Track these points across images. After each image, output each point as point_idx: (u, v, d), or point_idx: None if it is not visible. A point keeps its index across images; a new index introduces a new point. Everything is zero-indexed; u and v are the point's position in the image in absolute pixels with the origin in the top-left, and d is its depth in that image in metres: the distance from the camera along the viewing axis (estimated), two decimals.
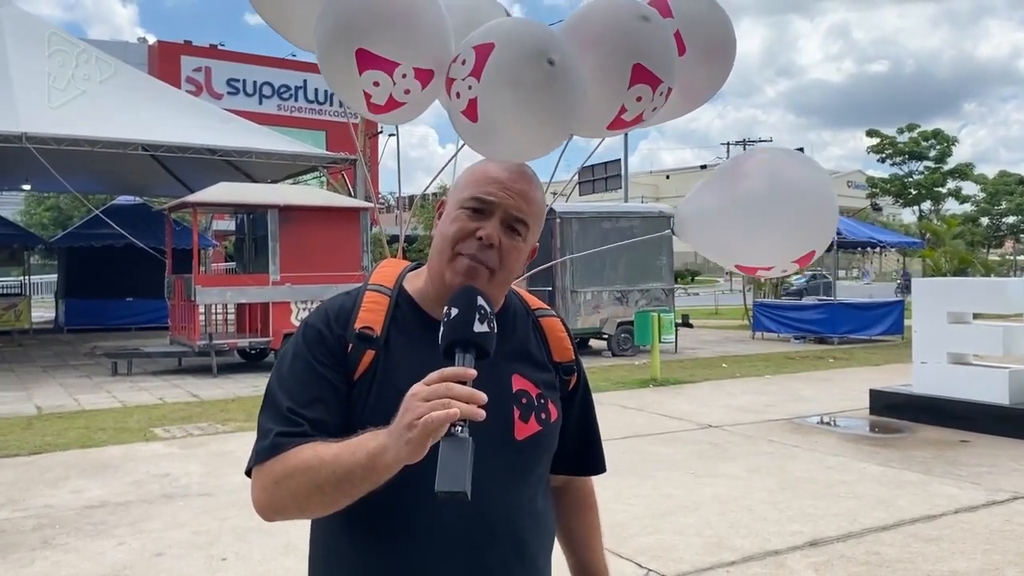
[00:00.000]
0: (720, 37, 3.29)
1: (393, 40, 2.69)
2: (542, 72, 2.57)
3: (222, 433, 8.59)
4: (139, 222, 18.96)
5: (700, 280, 60.16)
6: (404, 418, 1.19)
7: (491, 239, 1.44)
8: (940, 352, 8.86)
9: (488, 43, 2.64)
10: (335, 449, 1.29)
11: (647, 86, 2.95)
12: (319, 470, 1.29)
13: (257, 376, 13.03)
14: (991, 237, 45.02)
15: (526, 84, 2.60)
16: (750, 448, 7.71)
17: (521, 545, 1.48)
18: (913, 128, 41.37)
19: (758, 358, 15.21)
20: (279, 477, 1.33)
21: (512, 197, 1.48)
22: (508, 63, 2.59)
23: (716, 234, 3.20)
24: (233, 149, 15.88)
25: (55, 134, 13.51)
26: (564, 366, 1.61)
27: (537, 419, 1.49)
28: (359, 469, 1.25)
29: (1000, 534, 5.20)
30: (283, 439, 1.35)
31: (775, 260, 3.08)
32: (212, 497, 6.19)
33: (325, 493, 1.30)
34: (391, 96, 2.76)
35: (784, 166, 3.08)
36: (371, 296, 1.50)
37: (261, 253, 14.08)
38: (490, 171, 1.52)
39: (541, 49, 2.63)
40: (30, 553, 5.03)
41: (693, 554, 4.89)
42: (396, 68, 2.68)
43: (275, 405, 1.41)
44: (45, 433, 8.58)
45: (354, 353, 1.43)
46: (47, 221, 42.22)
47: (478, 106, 2.68)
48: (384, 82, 2.71)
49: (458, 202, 1.49)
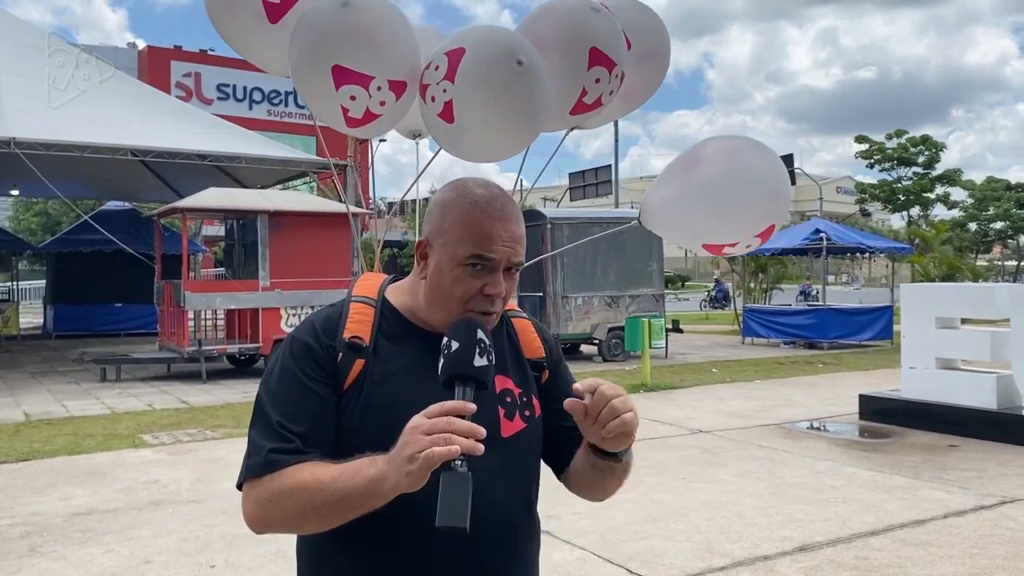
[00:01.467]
0: (655, 42, 3.45)
1: (366, 55, 2.87)
2: (511, 72, 2.77)
3: (211, 440, 8.56)
4: (128, 227, 18.91)
5: (690, 286, 60.28)
6: (405, 450, 1.22)
7: (500, 294, 1.47)
8: (929, 357, 8.90)
9: (459, 48, 2.81)
10: (333, 472, 1.32)
11: (604, 68, 3.08)
12: (316, 493, 1.32)
13: (247, 382, 12.99)
14: (979, 243, 45.20)
15: (497, 83, 2.78)
16: (740, 453, 7.72)
17: (514, 542, 1.52)
18: (901, 134, 41.50)
19: (748, 363, 15.25)
20: (274, 496, 1.36)
21: (511, 246, 1.47)
22: (480, 65, 2.79)
23: (680, 219, 3.30)
24: (223, 154, 15.83)
25: (44, 139, 13.44)
26: (533, 362, 1.64)
27: (522, 416, 1.53)
28: (357, 494, 1.29)
29: (988, 538, 5.23)
30: (277, 456, 1.37)
31: (739, 236, 3.20)
32: (201, 504, 6.16)
33: (321, 515, 1.33)
34: (367, 109, 2.94)
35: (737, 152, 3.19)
36: (357, 307, 1.52)
37: (251, 259, 14.04)
38: (486, 224, 1.46)
39: (509, 50, 2.79)
40: (17, 561, 5.00)
41: (683, 560, 4.90)
42: (371, 81, 2.87)
43: (266, 420, 1.42)
44: (33, 440, 8.53)
45: (344, 362, 1.45)
46: (35, 226, 42.00)
47: (453, 107, 2.84)
48: (360, 96, 2.89)
49: (456, 259, 1.45)
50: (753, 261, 21.64)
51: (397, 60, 2.93)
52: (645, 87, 3.53)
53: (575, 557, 4.93)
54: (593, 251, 16.06)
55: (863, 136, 42.08)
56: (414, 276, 1.56)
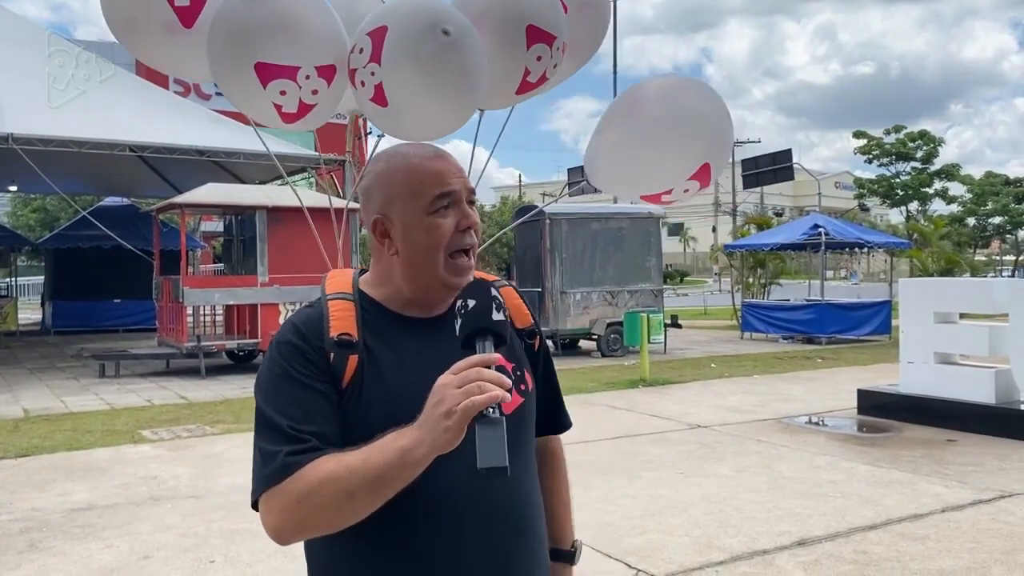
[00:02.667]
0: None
1: (287, 46, 2.75)
2: (438, 43, 2.65)
3: (210, 435, 8.56)
4: (127, 223, 18.88)
5: (689, 281, 60.32)
6: (439, 408, 1.23)
7: (476, 223, 1.49)
8: (927, 352, 8.91)
9: (381, 26, 2.70)
10: (361, 455, 1.29)
11: (544, 44, 2.97)
12: (349, 479, 1.28)
13: (245, 378, 12.99)
14: (978, 237, 45.22)
15: (425, 57, 2.67)
16: (739, 448, 7.73)
17: (524, 519, 1.52)
18: (900, 129, 41.55)
19: (747, 358, 15.26)
20: (302, 495, 1.31)
21: (461, 175, 1.50)
22: (404, 40, 2.67)
23: (620, 167, 3.21)
24: (221, 150, 15.81)
25: (41, 135, 13.42)
26: (526, 331, 1.65)
27: (518, 391, 1.53)
28: (392, 468, 1.27)
29: (987, 532, 5.24)
30: (295, 457, 1.33)
31: (674, 181, 3.10)
32: (200, 499, 6.17)
33: (356, 500, 1.30)
34: (300, 101, 2.84)
35: (678, 91, 3.13)
36: (337, 304, 1.49)
37: (249, 254, 14.04)
38: (429, 165, 1.49)
39: (434, 21, 2.67)
40: (16, 556, 5.01)
41: (682, 554, 4.91)
42: (298, 72, 2.77)
43: (273, 427, 1.37)
44: (32, 436, 8.53)
45: (337, 361, 1.42)
46: (34, 222, 41.92)
47: (384, 90, 2.74)
48: (290, 89, 2.79)
49: (422, 208, 1.46)
50: (752, 256, 21.65)
51: (321, 44, 2.82)
52: (591, 41, 3.38)
53: None
54: (592, 247, 16.08)
55: (861, 131, 42.11)
56: (381, 263, 1.54)
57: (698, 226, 65.71)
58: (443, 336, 1.42)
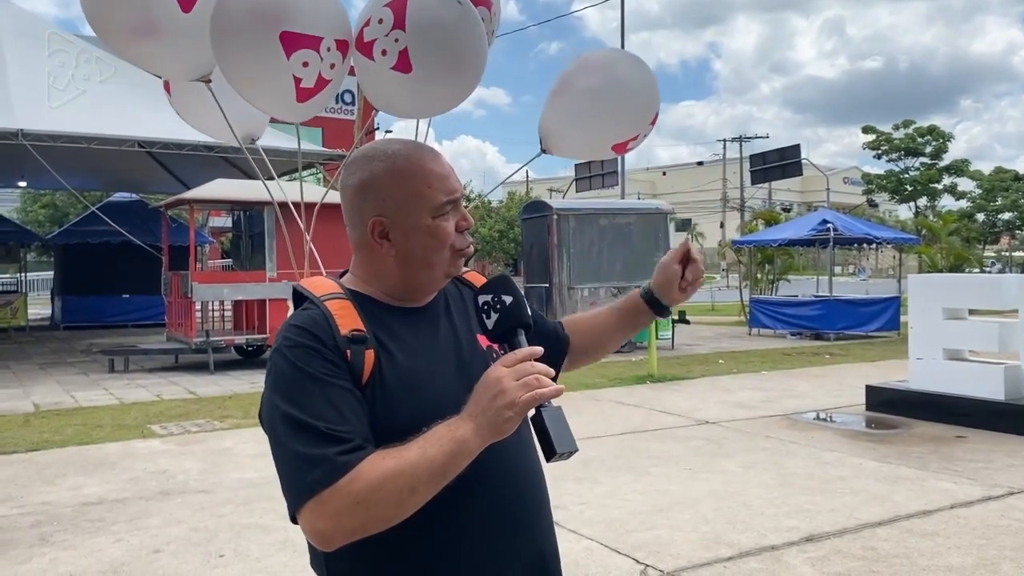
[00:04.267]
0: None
1: (311, 16, 2.78)
2: (457, 11, 2.78)
3: (219, 430, 8.59)
4: (135, 219, 18.97)
5: None
6: (500, 399, 1.28)
7: (472, 224, 1.56)
8: (936, 348, 8.88)
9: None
10: (417, 449, 1.30)
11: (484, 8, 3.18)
12: (412, 474, 1.28)
13: (254, 373, 13.03)
14: (987, 233, 45.07)
15: (449, 24, 2.78)
16: (747, 444, 7.72)
17: (539, 494, 1.58)
18: (909, 124, 41.42)
19: (755, 354, 15.23)
20: (363, 495, 1.28)
21: (456, 180, 1.54)
22: (428, 10, 2.76)
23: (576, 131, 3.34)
24: (229, 146, 15.84)
25: (51, 131, 13.47)
26: None
27: None
28: (451, 459, 1.29)
29: (996, 529, 5.23)
30: (347, 457, 1.30)
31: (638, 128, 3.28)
32: (210, 494, 6.19)
33: (418, 493, 1.30)
34: (320, 75, 2.85)
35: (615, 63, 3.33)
36: (335, 303, 1.47)
37: (258, 250, 14.08)
38: (431, 167, 1.51)
39: None
40: (28, 550, 5.04)
41: (690, 549, 4.91)
42: (321, 43, 2.79)
43: (307, 429, 1.33)
44: (42, 430, 8.58)
45: (355, 358, 1.40)
46: (43, 218, 42.13)
47: (410, 55, 2.78)
48: (312, 60, 2.80)
49: (430, 211, 1.48)
50: (760, 252, 21.60)
51: (336, 17, 2.86)
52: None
53: (582, 547, 4.95)
54: (599, 242, 16.06)
55: (870, 126, 41.98)
56: (372, 264, 1.53)
57: (706, 222, 65.60)
58: (436, 322, 1.53)
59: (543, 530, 1.58)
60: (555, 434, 1.30)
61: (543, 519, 1.59)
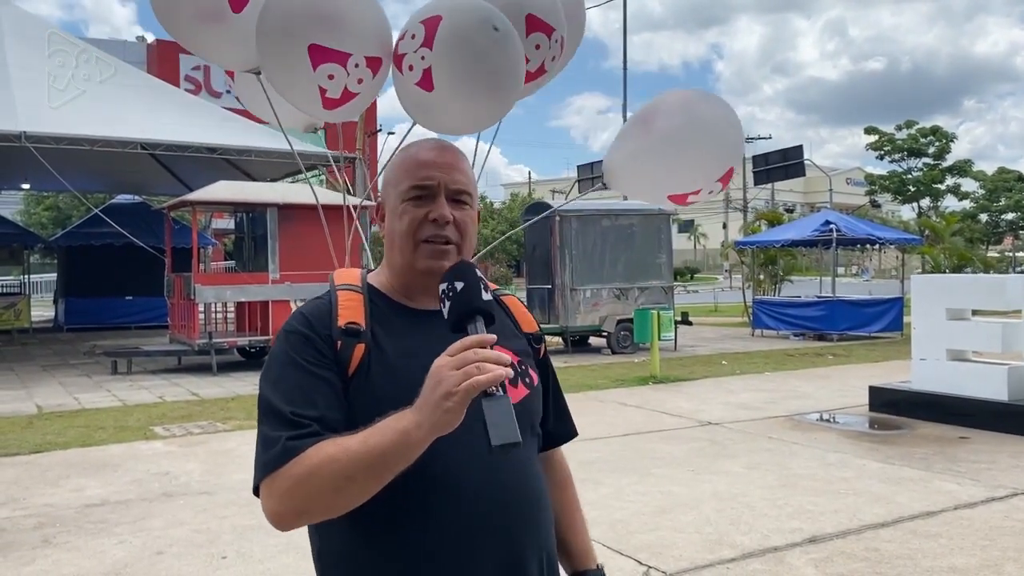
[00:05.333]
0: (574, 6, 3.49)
1: (344, 32, 2.88)
2: (489, 38, 2.81)
3: (222, 431, 8.60)
4: (138, 221, 18.95)
5: (699, 278, 60.19)
6: (439, 389, 1.23)
7: (444, 217, 1.50)
8: (939, 349, 8.86)
9: (436, 16, 2.84)
10: (360, 437, 1.30)
11: (543, 34, 3.15)
12: (348, 461, 1.29)
13: (257, 375, 12.93)
14: (990, 234, 44.97)
15: (477, 49, 2.82)
16: (750, 445, 7.72)
17: (534, 506, 1.54)
18: (911, 125, 41.34)
19: (758, 355, 15.22)
20: (301, 478, 1.32)
21: (448, 172, 1.52)
22: (458, 31, 2.81)
23: (642, 174, 3.37)
24: (232, 148, 15.86)
25: (54, 133, 13.49)
26: (533, 336, 1.69)
27: (524, 383, 1.57)
28: (392, 449, 1.27)
29: (999, 530, 5.21)
30: (295, 442, 1.34)
31: (700, 183, 3.26)
32: (212, 495, 6.20)
33: (356, 482, 1.30)
34: (345, 88, 2.94)
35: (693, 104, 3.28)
36: (345, 295, 1.52)
37: (260, 251, 14.09)
38: (418, 156, 1.55)
39: (486, 17, 2.83)
40: (31, 552, 5.04)
41: (693, 551, 4.90)
42: (349, 59, 2.89)
43: (275, 413, 1.39)
44: (45, 432, 8.59)
45: (344, 350, 1.45)
46: (46, 220, 42.17)
47: (432, 74, 2.86)
48: (338, 74, 2.89)
49: (399, 195, 1.53)
50: (763, 253, 21.58)
51: (372, 35, 2.94)
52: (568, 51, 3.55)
53: None
54: (602, 243, 16.06)
55: (873, 127, 41.90)
56: (385, 253, 1.60)
57: (708, 223, 65.56)
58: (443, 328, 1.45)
59: (533, 543, 1.52)
60: (491, 425, 1.22)
61: (535, 532, 1.53)
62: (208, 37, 3.18)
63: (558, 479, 1.76)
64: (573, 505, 1.79)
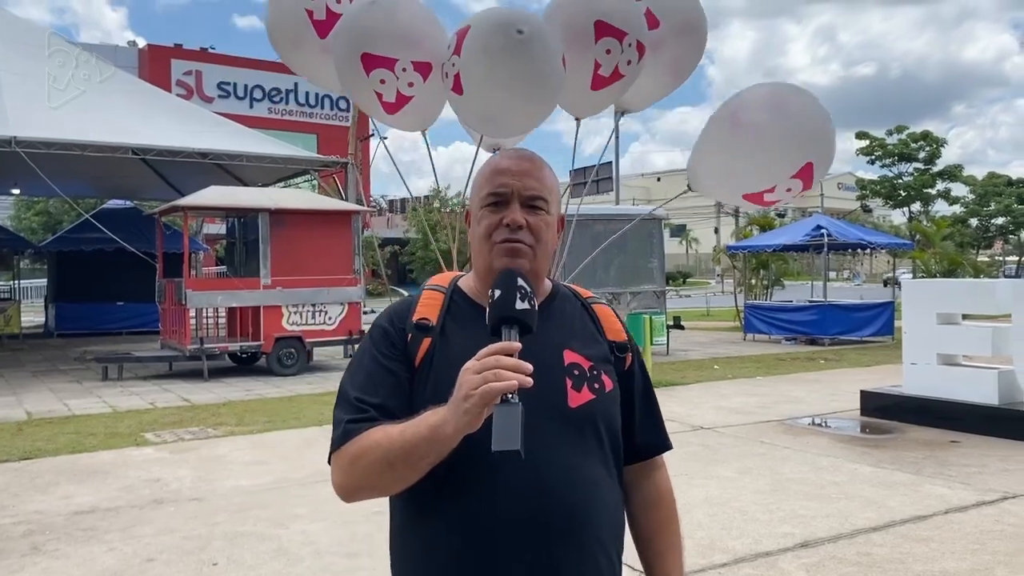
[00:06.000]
0: (689, 15, 3.60)
1: (389, 40, 3.16)
2: (511, 40, 2.97)
3: (213, 438, 8.56)
4: (129, 226, 18.88)
5: (692, 282, 60.29)
6: (460, 391, 1.34)
7: (517, 222, 1.58)
8: (930, 353, 8.90)
9: (467, 26, 3.07)
10: (400, 427, 1.43)
11: (613, 39, 3.25)
12: (388, 448, 1.43)
13: (248, 380, 13.00)
14: (980, 238, 45.17)
15: (496, 51, 3.00)
16: (742, 449, 7.72)
17: (573, 507, 1.54)
18: (902, 130, 41.47)
19: (749, 360, 15.24)
20: (354, 458, 1.47)
21: (522, 179, 1.61)
22: (480, 36, 3.01)
23: (723, 172, 3.45)
24: (224, 153, 15.84)
25: (44, 138, 13.45)
26: (618, 344, 1.73)
27: (590, 388, 1.61)
28: (424, 442, 1.39)
29: (990, 534, 5.23)
30: (352, 425, 1.50)
31: (776, 178, 3.30)
32: (203, 502, 6.17)
33: (395, 468, 1.43)
34: (398, 91, 3.23)
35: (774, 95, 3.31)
36: (428, 294, 1.67)
37: (252, 257, 14.04)
38: (498, 165, 1.64)
39: (509, 22, 3.00)
40: (20, 559, 5.01)
41: (685, 556, 4.89)
42: (395, 63, 3.17)
43: (345, 397, 1.56)
44: (35, 438, 8.54)
45: (413, 342, 1.58)
46: (37, 225, 42.01)
47: (460, 78, 3.09)
48: (388, 78, 3.19)
49: (479, 202, 1.63)
50: (754, 258, 21.62)
51: (418, 42, 3.20)
52: (688, 59, 3.71)
53: None
54: (594, 248, 16.04)
55: (864, 132, 42.02)
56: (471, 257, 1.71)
57: (700, 228, 65.68)
58: None
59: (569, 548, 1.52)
60: (496, 430, 1.29)
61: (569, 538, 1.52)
62: (304, 57, 3.59)
63: (649, 497, 1.77)
64: (662, 527, 1.78)
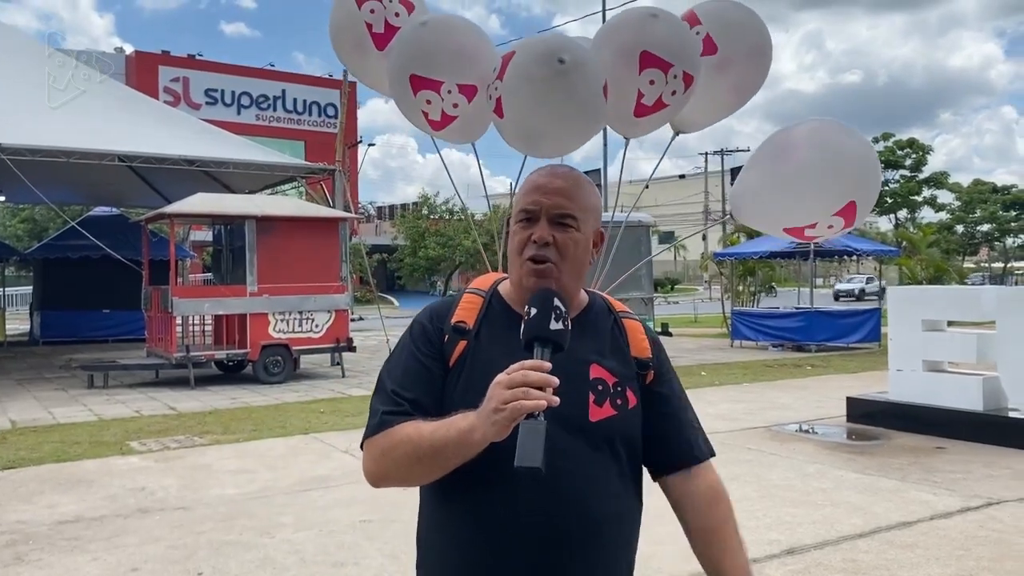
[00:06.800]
0: (757, 39, 3.67)
1: (436, 64, 3.35)
2: (552, 68, 3.09)
3: (199, 446, 8.52)
4: (116, 233, 18.80)
5: (679, 289, 60.41)
6: (490, 403, 1.40)
7: (543, 238, 1.62)
8: (915, 360, 8.94)
9: (512, 52, 3.22)
10: (432, 426, 1.50)
11: (658, 70, 3.33)
12: (418, 444, 1.50)
13: (235, 388, 12.94)
14: (966, 245, 45.51)
15: (537, 79, 3.13)
16: (728, 456, 7.73)
17: (588, 518, 1.60)
18: (888, 137, 41.79)
19: (736, 366, 15.28)
20: (386, 449, 1.56)
21: (551, 197, 1.64)
22: (523, 63, 3.14)
23: (766, 205, 3.51)
24: (211, 160, 15.79)
25: (30, 145, 13.38)
26: (640, 361, 1.76)
27: (612, 404, 1.65)
28: (452, 444, 1.47)
29: (974, 540, 5.25)
30: (388, 417, 1.58)
31: (820, 215, 3.36)
32: (189, 511, 6.14)
33: (423, 463, 1.52)
34: (443, 111, 3.41)
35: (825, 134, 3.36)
36: (468, 297, 1.73)
37: (239, 264, 13.99)
38: (534, 182, 1.69)
39: (552, 50, 3.12)
40: (3, 570, 4.97)
41: (670, 563, 4.90)
42: (441, 86, 3.34)
43: (383, 389, 1.64)
44: (19, 447, 8.47)
45: (449, 343, 1.65)
46: (22, 232, 41.80)
47: (502, 102, 3.23)
48: (434, 99, 3.37)
49: (515, 217, 1.69)
50: (741, 264, 21.69)
51: (465, 67, 3.37)
52: (752, 82, 3.80)
53: None
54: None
55: None
56: None
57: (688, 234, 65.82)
58: None
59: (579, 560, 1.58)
60: (520, 446, 1.34)
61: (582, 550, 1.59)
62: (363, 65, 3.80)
63: (700, 501, 1.85)
64: (719, 526, 1.86)
